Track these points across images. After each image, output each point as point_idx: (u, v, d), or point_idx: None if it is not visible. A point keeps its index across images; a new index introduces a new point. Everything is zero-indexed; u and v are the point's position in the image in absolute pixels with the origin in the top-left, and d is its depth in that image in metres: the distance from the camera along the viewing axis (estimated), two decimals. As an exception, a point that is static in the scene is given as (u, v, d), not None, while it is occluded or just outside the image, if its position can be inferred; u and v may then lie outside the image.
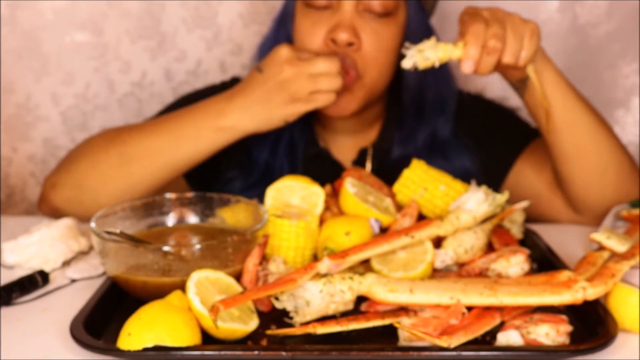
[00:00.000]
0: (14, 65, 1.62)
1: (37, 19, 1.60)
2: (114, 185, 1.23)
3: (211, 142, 1.21)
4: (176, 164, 1.23)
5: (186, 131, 1.21)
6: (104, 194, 1.23)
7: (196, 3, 1.63)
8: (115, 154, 1.24)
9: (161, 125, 1.25)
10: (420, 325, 0.84)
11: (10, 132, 1.65)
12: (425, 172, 1.12)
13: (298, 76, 1.15)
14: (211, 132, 1.20)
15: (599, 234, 0.96)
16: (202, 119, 1.21)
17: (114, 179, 1.23)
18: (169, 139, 1.22)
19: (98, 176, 1.24)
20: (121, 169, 1.23)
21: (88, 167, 1.26)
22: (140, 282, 0.92)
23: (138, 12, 1.62)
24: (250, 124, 1.19)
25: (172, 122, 1.24)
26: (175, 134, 1.22)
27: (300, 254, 1.03)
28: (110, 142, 1.26)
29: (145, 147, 1.23)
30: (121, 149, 1.24)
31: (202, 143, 1.21)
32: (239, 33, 1.66)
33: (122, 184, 1.23)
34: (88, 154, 1.28)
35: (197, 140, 1.21)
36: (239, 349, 0.81)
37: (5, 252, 1.09)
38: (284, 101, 1.17)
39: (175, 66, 1.66)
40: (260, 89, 1.18)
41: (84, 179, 1.25)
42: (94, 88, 1.65)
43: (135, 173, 1.23)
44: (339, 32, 1.20)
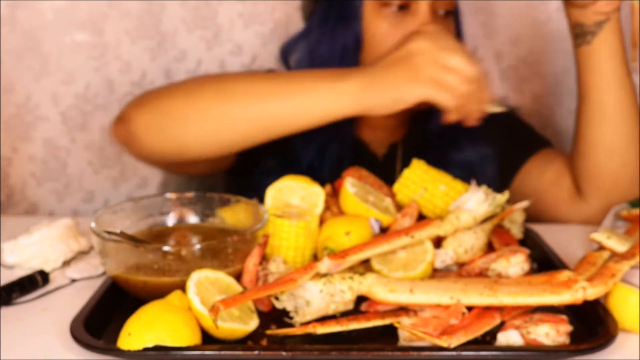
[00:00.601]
0: (14, 65, 1.62)
1: (37, 19, 1.60)
2: (203, 120, 1.14)
3: (322, 104, 1.10)
4: (276, 117, 1.12)
5: (301, 83, 1.12)
6: (189, 128, 1.15)
7: (196, 3, 1.63)
8: (214, 89, 1.15)
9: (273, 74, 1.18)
10: (420, 325, 0.84)
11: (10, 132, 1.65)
12: (425, 172, 1.12)
13: (429, 55, 1.07)
14: (327, 91, 1.10)
15: (599, 233, 0.96)
16: (321, 77, 1.12)
17: (205, 114, 1.14)
18: (280, 86, 1.12)
19: (189, 108, 1.15)
20: (217, 105, 1.13)
21: (181, 96, 1.17)
22: (140, 282, 0.93)
23: (138, 12, 1.62)
24: (366, 95, 1.09)
25: (285, 74, 1.17)
26: (288, 83, 1.12)
27: (300, 254, 1.03)
28: (210, 78, 1.19)
29: (250, 88, 1.13)
30: (223, 85, 1.15)
31: (314, 101, 1.10)
32: (239, 33, 1.66)
33: (212, 122, 1.13)
34: (183, 85, 1.20)
35: (310, 95, 1.10)
36: (239, 349, 0.81)
37: (5, 252, 1.09)
38: (405, 76, 1.07)
39: (175, 66, 1.67)
40: (390, 57, 1.10)
41: (174, 107, 1.16)
42: (94, 88, 1.65)
43: (231, 113, 1.13)
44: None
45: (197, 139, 1.14)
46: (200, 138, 1.14)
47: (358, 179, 1.13)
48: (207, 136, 1.14)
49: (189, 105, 1.15)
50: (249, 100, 1.12)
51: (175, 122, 1.15)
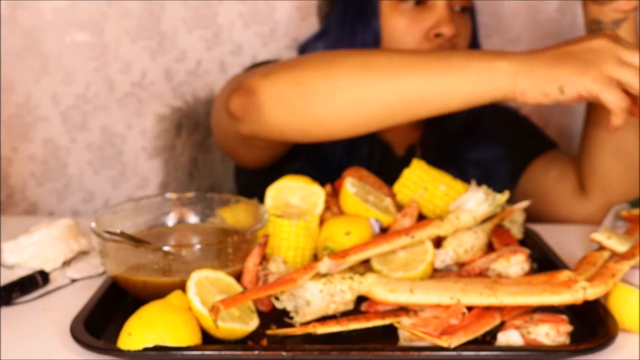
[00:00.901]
0: (14, 65, 1.62)
1: (37, 19, 1.60)
2: (342, 94, 1.05)
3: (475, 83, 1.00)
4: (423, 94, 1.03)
5: (451, 61, 1.03)
6: (325, 101, 1.06)
7: (196, 3, 1.63)
8: (356, 61, 1.06)
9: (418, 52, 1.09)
10: (420, 325, 0.84)
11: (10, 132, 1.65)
12: (425, 172, 1.12)
13: (609, 51, 0.97)
14: (481, 70, 1.00)
15: (599, 233, 0.96)
16: (474, 56, 1.03)
17: (346, 87, 1.05)
18: (428, 62, 1.04)
19: (328, 79, 1.06)
20: (360, 78, 1.04)
21: (318, 66, 1.08)
22: (141, 282, 0.93)
23: (138, 12, 1.62)
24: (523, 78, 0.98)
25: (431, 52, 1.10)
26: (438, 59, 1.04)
27: (300, 254, 1.03)
28: (354, 51, 1.10)
29: (397, 62, 1.04)
30: (365, 57, 1.06)
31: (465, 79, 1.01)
32: (239, 33, 1.66)
33: (352, 96, 1.04)
34: (318, 56, 1.11)
35: (462, 72, 1.01)
36: (239, 349, 0.81)
37: (5, 252, 1.09)
38: (574, 67, 0.97)
39: (175, 66, 1.67)
40: (563, 48, 1.00)
41: (309, 78, 1.07)
42: (94, 88, 1.65)
43: (375, 87, 1.04)
44: (445, 26, 1.22)
45: (332, 113, 1.06)
46: (336, 113, 1.06)
47: (358, 179, 1.13)
48: (344, 111, 1.05)
49: (328, 77, 1.06)
50: (396, 75, 1.03)
51: (311, 95, 1.06)
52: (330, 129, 1.08)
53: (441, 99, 1.02)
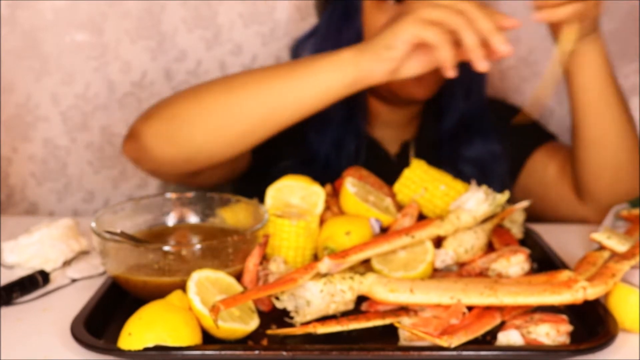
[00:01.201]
0: (14, 65, 1.62)
1: (37, 19, 1.60)
2: (212, 118, 1.12)
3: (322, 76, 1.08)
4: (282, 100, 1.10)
5: (300, 64, 1.11)
6: (199, 128, 1.13)
7: (196, 3, 1.63)
8: (219, 85, 1.15)
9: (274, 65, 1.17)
10: (420, 325, 0.84)
11: (10, 132, 1.65)
12: (425, 172, 1.12)
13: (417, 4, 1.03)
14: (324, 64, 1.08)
15: (599, 233, 0.96)
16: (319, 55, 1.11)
17: (211, 111, 1.12)
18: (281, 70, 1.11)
19: (195, 108, 1.14)
20: (222, 99, 1.12)
21: (186, 98, 1.16)
22: (141, 281, 0.93)
23: (138, 12, 1.62)
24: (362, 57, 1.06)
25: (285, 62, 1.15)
26: (288, 66, 1.12)
27: (300, 254, 1.03)
28: (215, 79, 1.19)
29: (253, 77, 1.13)
30: (226, 80, 1.15)
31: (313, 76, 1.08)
32: (239, 33, 1.66)
33: (219, 117, 1.12)
34: (189, 89, 1.19)
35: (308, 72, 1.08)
36: (239, 349, 0.81)
37: (5, 252, 1.09)
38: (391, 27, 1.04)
39: (175, 66, 1.66)
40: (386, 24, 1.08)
41: (180, 111, 1.15)
42: (94, 88, 1.65)
43: (237, 104, 1.11)
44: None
45: (208, 139, 1.12)
46: (212, 137, 1.12)
47: (358, 178, 1.13)
48: (218, 134, 1.12)
49: (195, 105, 1.14)
50: (253, 89, 1.10)
51: (183, 125, 1.14)
52: (211, 153, 1.14)
53: (299, 101, 1.09)
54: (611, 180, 1.24)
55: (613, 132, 1.21)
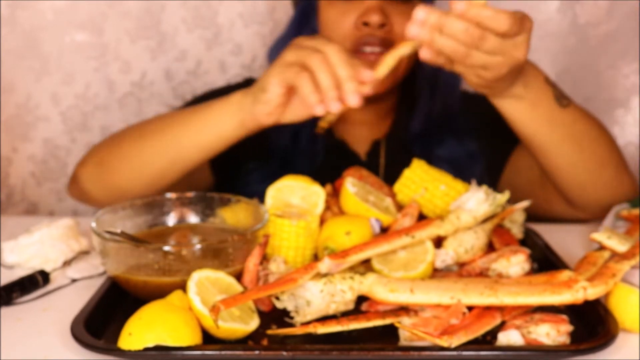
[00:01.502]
0: (14, 65, 1.62)
1: (37, 19, 1.60)
2: (129, 162, 1.21)
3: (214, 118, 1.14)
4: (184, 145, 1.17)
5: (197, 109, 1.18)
6: (120, 173, 1.22)
7: (196, 3, 1.63)
8: (136, 131, 1.24)
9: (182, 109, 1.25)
10: (420, 325, 0.84)
11: (10, 132, 1.65)
12: (425, 172, 1.12)
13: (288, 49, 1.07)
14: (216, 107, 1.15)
15: (600, 233, 0.96)
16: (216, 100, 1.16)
17: (130, 156, 1.21)
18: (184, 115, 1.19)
19: (117, 153, 1.23)
20: (136, 144, 1.21)
21: (110, 144, 1.26)
22: (141, 281, 0.92)
23: (138, 12, 1.62)
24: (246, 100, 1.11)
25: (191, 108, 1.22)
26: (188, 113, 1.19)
27: (300, 254, 1.03)
28: (135, 124, 1.28)
29: (162, 122, 1.21)
30: (141, 126, 1.24)
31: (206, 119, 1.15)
32: (239, 33, 1.66)
33: (136, 162, 1.21)
34: (114, 135, 1.29)
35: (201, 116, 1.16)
36: (239, 349, 0.81)
37: (5, 252, 1.09)
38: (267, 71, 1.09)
39: (175, 66, 1.66)
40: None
41: (105, 156, 1.25)
42: (94, 88, 1.65)
43: (146, 151, 1.20)
44: (371, 14, 1.23)
45: (126, 180, 1.21)
46: (129, 178, 1.21)
47: (358, 178, 1.13)
48: (133, 176, 1.21)
49: (116, 151, 1.24)
50: (158, 136, 1.19)
51: (109, 170, 1.24)
52: (134, 192, 1.21)
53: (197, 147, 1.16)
54: (595, 195, 1.21)
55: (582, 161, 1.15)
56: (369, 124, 1.40)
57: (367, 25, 1.24)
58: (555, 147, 1.13)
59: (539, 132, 1.11)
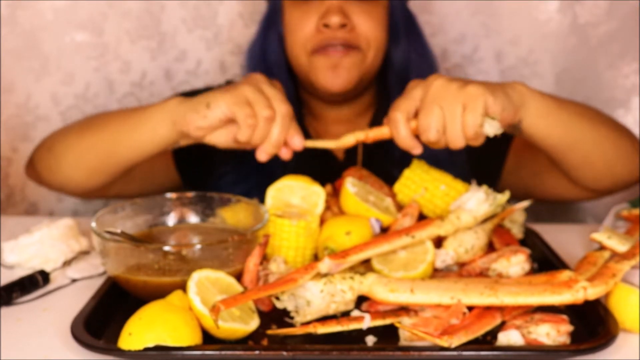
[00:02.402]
0: (14, 65, 1.62)
1: (37, 19, 1.60)
2: (72, 152, 1.24)
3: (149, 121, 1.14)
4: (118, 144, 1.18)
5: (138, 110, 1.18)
6: (63, 160, 1.25)
7: (196, 3, 1.63)
8: (83, 123, 1.27)
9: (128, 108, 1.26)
10: (421, 325, 0.84)
11: (10, 132, 1.65)
12: (425, 172, 1.12)
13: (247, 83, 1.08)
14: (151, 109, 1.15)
15: (600, 233, 0.96)
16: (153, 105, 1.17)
17: (72, 145, 1.24)
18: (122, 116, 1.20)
19: (63, 141, 1.26)
20: (79, 135, 1.24)
21: (61, 132, 1.30)
22: (141, 282, 0.92)
23: (138, 12, 1.62)
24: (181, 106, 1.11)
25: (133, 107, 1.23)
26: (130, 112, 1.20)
27: (300, 254, 1.03)
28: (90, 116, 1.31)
29: (107, 117, 1.24)
30: (90, 119, 1.28)
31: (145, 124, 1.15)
32: (239, 33, 1.66)
33: (77, 151, 1.23)
34: (70, 124, 1.32)
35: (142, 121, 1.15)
36: (239, 349, 0.81)
37: (5, 252, 1.09)
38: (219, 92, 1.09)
39: (175, 66, 1.66)
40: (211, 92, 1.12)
41: (55, 142, 1.28)
42: (94, 88, 1.65)
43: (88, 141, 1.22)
44: (330, 15, 1.23)
45: (68, 170, 1.24)
46: (70, 170, 1.24)
47: (359, 178, 1.13)
48: (74, 167, 1.24)
49: (62, 140, 1.27)
50: (97, 132, 1.21)
51: (56, 157, 1.26)
52: (77, 182, 1.25)
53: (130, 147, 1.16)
54: (611, 179, 1.21)
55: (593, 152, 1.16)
56: (346, 122, 1.39)
57: (328, 26, 1.24)
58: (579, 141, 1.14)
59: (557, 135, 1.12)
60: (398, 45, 1.35)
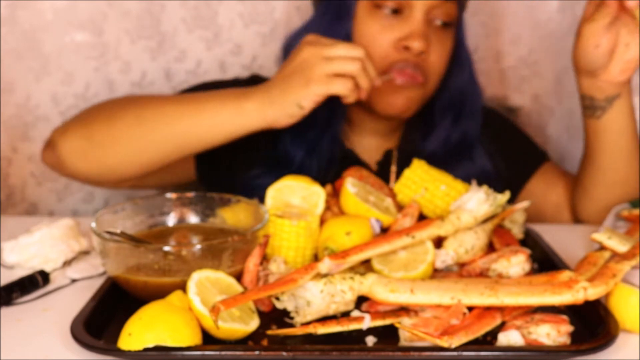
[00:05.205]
0: (14, 65, 1.61)
1: (37, 19, 1.60)
2: (124, 145, 1.19)
3: (229, 122, 1.15)
4: (190, 135, 1.18)
5: (208, 105, 1.17)
6: (111, 152, 1.20)
7: (196, 3, 1.63)
8: (132, 114, 1.20)
9: (184, 96, 1.23)
10: (421, 325, 0.84)
11: (10, 132, 1.65)
12: (426, 172, 1.12)
13: (315, 56, 1.11)
14: (232, 110, 1.15)
15: (600, 234, 0.96)
16: (226, 97, 1.17)
17: (125, 139, 1.19)
18: (190, 108, 1.18)
19: (110, 133, 1.20)
20: (134, 129, 1.19)
21: (103, 121, 1.22)
22: (141, 282, 0.92)
23: (138, 12, 1.62)
24: (269, 110, 1.13)
25: (195, 96, 1.21)
26: (197, 105, 1.18)
27: (300, 254, 1.03)
28: (130, 103, 1.24)
29: (164, 112, 1.19)
30: (139, 110, 1.20)
31: (221, 120, 1.15)
32: (239, 33, 1.66)
33: (132, 146, 1.19)
34: (106, 110, 1.25)
35: (217, 115, 1.15)
36: (239, 349, 0.81)
37: (5, 252, 1.09)
38: (299, 83, 1.11)
39: (175, 66, 1.66)
40: (282, 73, 1.15)
41: (96, 132, 1.21)
42: (94, 88, 1.65)
43: (147, 136, 1.18)
44: (415, 40, 1.22)
45: (120, 161, 1.20)
46: (122, 160, 1.20)
47: (359, 179, 1.13)
48: (128, 158, 1.20)
49: (111, 131, 1.20)
50: (161, 123, 1.18)
51: (99, 147, 1.21)
52: (122, 173, 1.22)
53: (203, 137, 1.17)
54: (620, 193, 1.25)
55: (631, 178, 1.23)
56: (380, 134, 1.39)
57: (408, 49, 1.23)
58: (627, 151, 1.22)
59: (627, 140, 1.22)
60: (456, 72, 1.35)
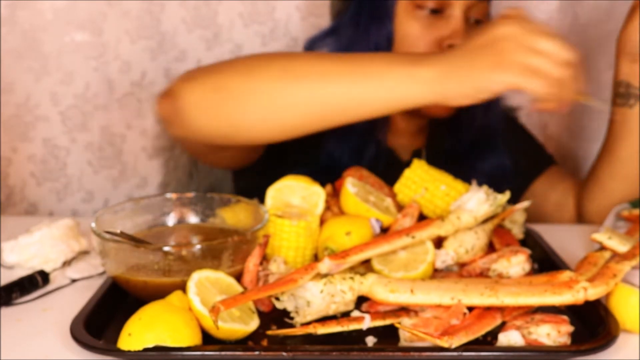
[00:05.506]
0: (14, 65, 1.62)
1: (37, 19, 1.60)
2: (264, 100, 1.03)
3: (396, 90, 0.98)
4: (346, 100, 1.01)
5: (373, 67, 1.00)
6: (247, 107, 1.04)
7: (196, 3, 1.63)
8: (278, 66, 1.05)
9: (341, 55, 1.07)
10: (421, 325, 0.84)
11: (10, 132, 1.65)
12: (426, 172, 1.12)
13: (517, 39, 0.92)
14: (402, 76, 0.98)
15: (600, 234, 0.96)
16: (397, 61, 1.00)
17: (267, 94, 1.03)
18: (351, 67, 1.01)
19: (249, 85, 1.04)
20: (282, 84, 1.03)
21: (241, 71, 1.06)
22: (141, 282, 0.92)
23: (138, 12, 1.62)
24: (447, 82, 0.95)
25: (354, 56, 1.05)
26: (360, 66, 1.01)
27: (300, 254, 1.03)
28: (274, 55, 1.12)
29: (319, 68, 1.02)
30: (287, 63, 1.05)
31: (385, 86, 0.98)
32: (239, 33, 1.66)
33: (275, 102, 1.03)
34: (242, 61, 1.10)
35: (382, 80, 0.98)
36: (239, 349, 0.81)
37: (5, 252, 1.09)
38: (491, 62, 0.93)
39: (175, 66, 1.66)
40: (470, 43, 0.97)
41: (232, 83, 1.05)
42: (94, 88, 1.65)
43: (297, 94, 1.02)
44: (458, 38, 1.21)
45: (255, 119, 1.04)
46: (260, 119, 1.04)
47: (359, 179, 1.13)
48: (267, 118, 1.04)
49: (250, 83, 1.04)
50: (317, 81, 1.01)
51: (233, 100, 1.04)
52: (252, 134, 1.07)
53: (361, 105, 1.01)
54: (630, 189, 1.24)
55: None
56: (410, 134, 1.40)
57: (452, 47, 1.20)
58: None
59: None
60: None
